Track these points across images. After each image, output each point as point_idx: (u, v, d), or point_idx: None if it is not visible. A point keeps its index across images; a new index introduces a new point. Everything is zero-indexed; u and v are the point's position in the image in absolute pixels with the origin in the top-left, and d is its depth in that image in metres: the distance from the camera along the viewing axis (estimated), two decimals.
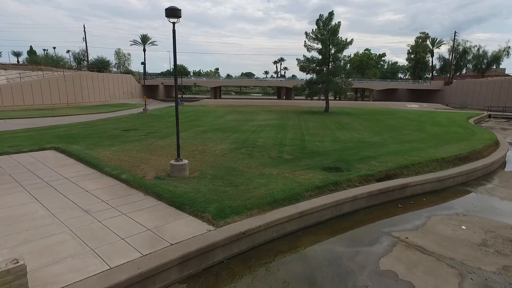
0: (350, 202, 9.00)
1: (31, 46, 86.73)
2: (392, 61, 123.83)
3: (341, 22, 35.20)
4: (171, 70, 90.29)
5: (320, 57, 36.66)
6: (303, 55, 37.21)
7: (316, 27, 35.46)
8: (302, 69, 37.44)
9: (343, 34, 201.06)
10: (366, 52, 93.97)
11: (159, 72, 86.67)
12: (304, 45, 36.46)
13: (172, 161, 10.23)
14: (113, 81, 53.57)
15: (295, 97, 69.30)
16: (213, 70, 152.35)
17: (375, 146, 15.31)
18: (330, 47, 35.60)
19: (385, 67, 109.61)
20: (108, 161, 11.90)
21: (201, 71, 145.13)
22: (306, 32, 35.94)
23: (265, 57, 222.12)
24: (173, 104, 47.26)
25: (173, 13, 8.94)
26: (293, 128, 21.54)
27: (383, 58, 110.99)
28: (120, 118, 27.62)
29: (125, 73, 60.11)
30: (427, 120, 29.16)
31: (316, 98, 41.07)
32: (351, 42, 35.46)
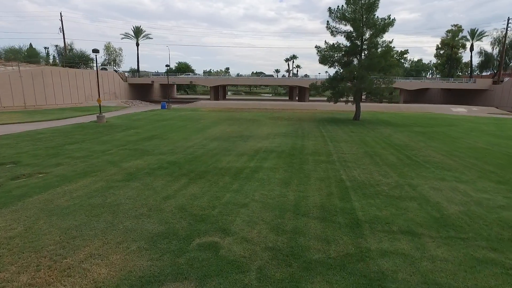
0: None
1: (30, 43, 78.76)
2: (414, 59, 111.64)
3: None
4: (173, 68, 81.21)
5: (349, 43, 26.34)
6: (325, 41, 26.98)
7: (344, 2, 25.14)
8: (322, 60, 27.13)
9: None
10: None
11: (162, 72, 77.57)
12: (327, 26, 26.19)
13: None
14: (91, 79, 44.47)
15: (310, 98, 58.86)
16: (223, 70, 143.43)
17: None
18: (364, 29, 25.22)
19: (406, 65, 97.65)
20: None
21: (211, 70, 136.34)
22: (330, 8, 25.63)
23: (277, 57, 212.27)
24: (158, 107, 38.21)
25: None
26: (318, 165, 11.32)
27: (405, 56, 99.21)
28: (41, 134, 18.04)
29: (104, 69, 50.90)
30: None
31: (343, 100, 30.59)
32: (392, 23, 25.02)
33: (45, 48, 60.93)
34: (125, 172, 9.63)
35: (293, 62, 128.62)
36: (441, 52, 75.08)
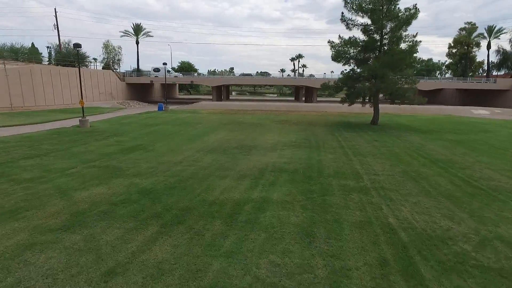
0: None
1: (32, 43, 76.37)
2: (422, 58, 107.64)
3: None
4: (176, 67, 78.45)
5: (366, 38, 23.16)
6: (339, 35, 23.82)
7: None
8: (336, 57, 23.97)
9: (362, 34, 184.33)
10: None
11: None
12: (342, 19, 23.05)
13: None
14: (84, 78, 41.71)
15: (317, 99, 55.61)
16: (227, 70, 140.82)
17: None
18: (384, 22, 22.04)
19: (415, 64, 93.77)
20: None
21: (216, 70, 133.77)
22: None
23: (281, 57, 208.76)
24: (156, 109, 35.24)
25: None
26: (348, 196, 8.21)
27: (414, 55, 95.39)
28: (4, 143, 15.15)
29: (106, 68, 48.24)
30: None
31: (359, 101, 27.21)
32: (415, 15, 21.80)
33: (47, 47, 58.74)
34: (72, 210, 6.63)
35: (298, 61, 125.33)
36: (454, 51, 71.38)
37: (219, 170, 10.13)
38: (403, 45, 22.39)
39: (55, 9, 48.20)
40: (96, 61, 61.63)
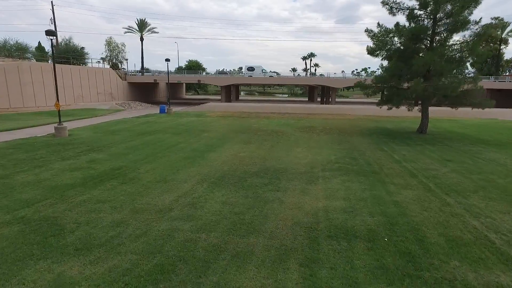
0: None
1: (39, 42, 73.00)
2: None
3: (369, 21, 25.08)
4: (183, 66, 74.50)
5: (414, 25, 18.41)
6: (378, 23, 19.06)
7: None
8: (375, 49, 19.33)
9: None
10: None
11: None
12: (384, 1, 18.37)
13: None
14: (81, 76, 37.85)
15: (336, 100, 50.70)
16: (236, 70, 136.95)
17: None
18: (439, 6, 17.20)
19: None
20: None
21: (224, 70, 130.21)
22: None
23: (290, 57, 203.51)
24: (158, 111, 30.69)
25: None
26: None
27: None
28: None
29: (113, 67, 44.30)
30: None
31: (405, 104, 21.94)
32: None
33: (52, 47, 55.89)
34: None
35: (310, 60, 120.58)
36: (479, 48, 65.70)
37: (235, 235, 5.64)
38: (465, 33, 17.54)
39: (51, 1, 44.28)
40: (104, 62, 57.76)
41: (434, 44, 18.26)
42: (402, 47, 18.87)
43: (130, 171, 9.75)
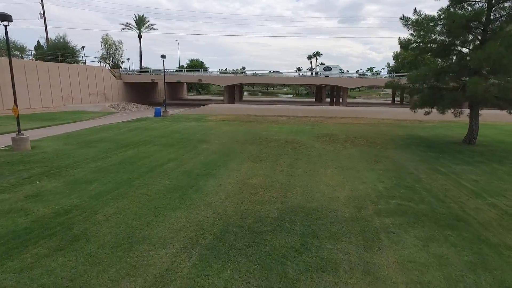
0: None
1: (38, 41, 69.93)
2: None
3: (372, 21, 23.13)
4: (184, 65, 71.23)
5: (461, 12, 14.80)
6: (414, 9, 15.43)
7: None
8: (411, 42, 15.78)
9: (374, 33, 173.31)
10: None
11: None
12: None
13: None
14: (70, 75, 34.51)
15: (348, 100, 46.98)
16: (239, 69, 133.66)
17: None
18: None
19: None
20: None
21: (227, 70, 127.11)
22: None
23: (292, 56, 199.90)
24: (151, 114, 26.60)
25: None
26: None
27: None
28: None
29: (114, 67, 40.95)
30: None
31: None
32: None
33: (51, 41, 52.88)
34: None
35: (316, 59, 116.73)
36: None
37: None
38: None
39: None
40: (103, 60, 54.57)
41: (488, 33, 14.65)
42: (447, 39, 15.28)
43: (81, 219, 6.26)
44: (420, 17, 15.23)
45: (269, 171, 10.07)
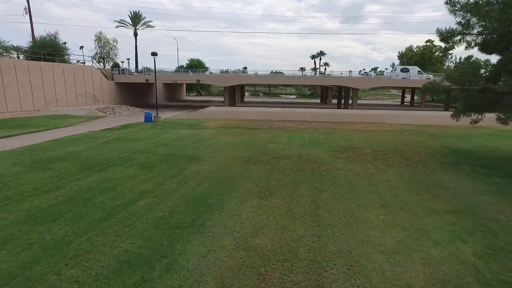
0: None
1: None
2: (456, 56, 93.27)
3: (373, 20, 17.55)
4: (184, 65, 67.95)
5: None
6: None
7: None
8: (456, 33, 12.49)
9: (375, 33, 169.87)
10: (428, 44, 66.11)
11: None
12: None
13: None
14: (55, 75, 31.29)
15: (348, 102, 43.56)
16: (240, 70, 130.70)
17: None
18: None
19: (446, 64, 79.94)
20: None
21: (228, 70, 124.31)
22: None
23: (294, 57, 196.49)
24: (142, 118, 23.03)
25: None
26: None
27: (450, 52, 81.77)
28: None
29: (114, 67, 37.77)
30: None
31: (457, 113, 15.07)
32: None
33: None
34: None
35: (320, 59, 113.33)
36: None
37: None
38: None
39: None
40: (101, 60, 51.58)
41: None
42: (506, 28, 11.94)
43: None
44: (469, 1, 11.94)
45: (285, 216, 6.75)
